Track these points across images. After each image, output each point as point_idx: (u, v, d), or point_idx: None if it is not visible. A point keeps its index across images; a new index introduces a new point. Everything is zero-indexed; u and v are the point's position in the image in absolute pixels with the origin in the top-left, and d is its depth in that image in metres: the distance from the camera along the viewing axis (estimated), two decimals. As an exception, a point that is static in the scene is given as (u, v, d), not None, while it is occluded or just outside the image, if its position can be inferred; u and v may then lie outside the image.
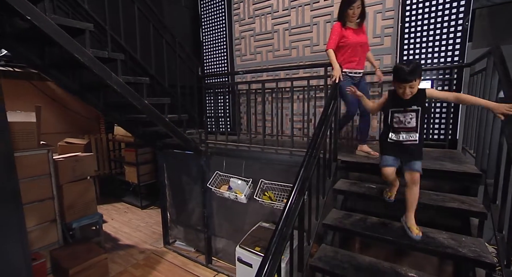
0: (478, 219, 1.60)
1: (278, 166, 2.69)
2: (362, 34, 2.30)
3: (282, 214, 1.33)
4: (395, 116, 1.62)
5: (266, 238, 2.45)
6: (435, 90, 1.70)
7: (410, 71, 1.48)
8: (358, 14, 2.21)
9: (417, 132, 1.59)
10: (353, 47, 2.26)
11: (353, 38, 2.25)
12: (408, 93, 1.53)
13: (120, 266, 3.52)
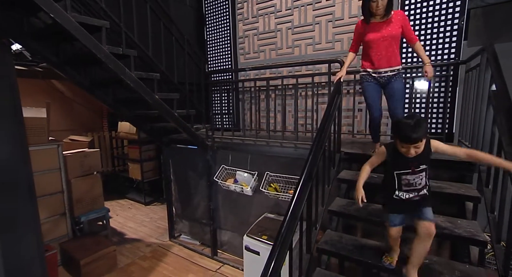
0: (473, 203, 1.73)
1: (283, 159, 2.80)
2: (389, 26, 2.02)
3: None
4: (403, 179, 1.42)
5: (272, 228, 2.57)
6: (443, 144, 1.42)
7: (415, 129, 1.27)
8: (384, 6, 1.93)
9: (426, 187, 1.43)
10: (374, 44, 2.05)
11: (372, 34, 2.05)
12: (413, 153, 1.33)
13: (128, 258, 3.62)
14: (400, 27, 2.03)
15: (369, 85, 2.16)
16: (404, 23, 2.04)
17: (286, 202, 2.83)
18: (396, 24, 2.02)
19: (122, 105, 3.12)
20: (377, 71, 2.11)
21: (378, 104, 2.18)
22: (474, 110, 1.95)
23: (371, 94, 2.16)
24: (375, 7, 1.94)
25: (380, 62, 2.07)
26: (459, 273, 1.46)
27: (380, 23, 2.04)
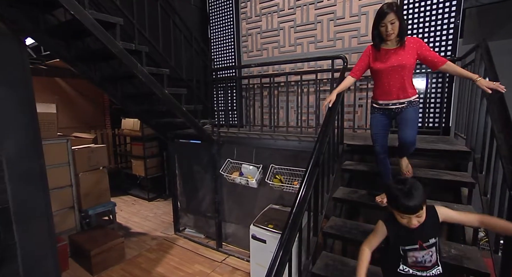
0: (468, 189, 1.85)
1: (287, 152, 2.91)
2: (400, 54, 1.78)
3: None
4: (409, 256, 1.23)
5: (278, 218, 2.68)
6: (453, 212, 1.25)
7: (410, 196, 1.14)
8: (397, 31, 1.71)
9: (438, 265, 1.24)
10: (383, 74, 1.83)
11: (381, 63, 1.81)
12: (415, 223, 1.17)
13: (135, 250, 3.71)
14: (414, 56, 1.77)
15: (376, 117, 1.95)
16: (421, 50, 1.77)
17: (290, 194, 2.95)
18: (410, 53, 1.77)
19: (130, 100, 3.22)
20: (385, 103, 1.88)
21: (383, 139, 1.93)
22: (469, 102, 2.07)
23: (376, 127, 1.94)
24: (385, 31, 1.72)
25: (390, 94, 1.84)
26: (455, 251, 1.58)
27: (392, 51, 1.81)
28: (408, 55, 1.77)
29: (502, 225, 1.15)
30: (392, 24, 1.70)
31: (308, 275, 1.67)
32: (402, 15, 1.73)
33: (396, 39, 1.77)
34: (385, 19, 1.69)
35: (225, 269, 3.29)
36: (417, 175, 1.95)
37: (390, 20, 1.69)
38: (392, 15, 1.68)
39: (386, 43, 1.82)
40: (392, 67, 1.79)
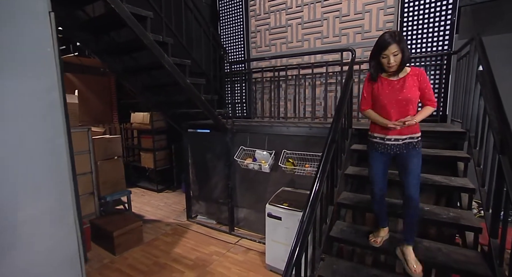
0: (464, 163, 2.11)
1: (298, 138, 3.15)
2: (404, 87, 1.65)
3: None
4: None
5: (291, 198, 2.92)
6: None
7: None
8: (398, 63, 1.60)
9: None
10: (385, 107, 1.70)
11: (383, 95, 1.69)
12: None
13: (152, 235, 3.91)
14: (418, 89, 1.66)
15: (374, 156, 1.81)
16: (422, 85, 1.67)
17: (301, 177, 3.18)
18: (413, 85, 1.65)
19: (149, 91, 3.43)
20: (386, 137, 1.73)
21: (381, 179, 1.82)
22: (465, 89, 2.33)
23: (375, 167, 1.81)
24: (387, 63, 1.60)
25: (391, 129, 1.70)
26: (453, 214, 1.83)
27: (393, 82, 1.68)
28: (414, 88, 1.65)
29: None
30: (395, 56, 1.56)
31: (327, 239, 1.91)
32: (405, 45, 1.58)
33: (398, 69, 1.64)
34: (387, 50, 1.55)
35: (239, 249, 3.51)
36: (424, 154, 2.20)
37: (393, 52, 1.55)
38: (395, 46, 1.53)
39: (387, 73, 1.69)
40: (398, 101, 1.65)
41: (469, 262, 1.60)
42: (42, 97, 0.96)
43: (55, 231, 1.02)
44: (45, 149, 0.96)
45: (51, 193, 1.00)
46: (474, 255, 1.67)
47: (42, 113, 0.95)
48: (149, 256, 3.40)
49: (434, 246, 1.77)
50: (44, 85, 0.95)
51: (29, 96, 0.91)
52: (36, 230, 0.96)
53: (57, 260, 1.04)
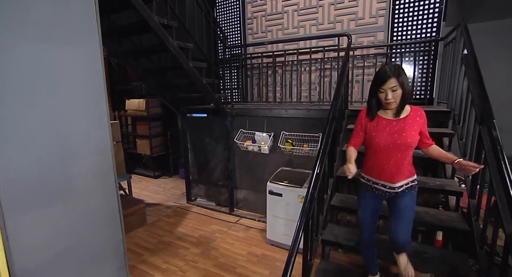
0: (448, 138, 2.34)
1: (296, 120, 3.32)
2: (404, 129, 1.49)
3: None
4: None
5: (290, 176, 3.11)
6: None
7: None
8: (398, 100, 1.44)
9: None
10: (381, 150, 1.54)
11: (379, 136, 1.52)
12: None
13: (154, 217, 4.05)
14: (419, 132, 1.51)
15: (363, 197, 1.67)
16: (423, 127, 1.54)
17: (299, 157, 3.37)
18: (415, 128, 1.50)
19: (148, 75, 3.48)
20: (377, 182, 1.58)
21: (371, 225, 1.68)
22: (450, 72, 2.54)
23: (364, 210, 1.68)
24: (384, 99, 1.45)
25: (383, 173, 1.55)
26: (439, 182, 2.06)
27: (393, 123, 1.51)
28: (414, 132, 1.49)
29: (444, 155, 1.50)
30: (394, 92, 1.42)
31: (328, 207, 2.11)
32: (406, 80, 1.42)
33: (398, 108, 1.48)
34: (385, 84, 1.42)
35: (239, 227, 3.70)
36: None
37: (391, 87, 1.41)
38: (393, 81, 1.40)
39: (386, 111, 1.54)
40: (395, 145, 1.49)
41: (451, 221, 1.84)
42: (89, 65, 1.06)
43: (101, 188, 1.15)
44: (91, 111, 1.08)
45: (96, 152, 1.12)
46: (455, 216, 1.91)
47: (88, 79, 1.06)
48: (154, 235, 3.54)
49: (422, 210, 2.00)
50: (91, 55, 1.06)
51: (80, 63, 1.01)
52: (87, 184, 1.09)
53: (102, 214, 1.17)
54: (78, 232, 1.08)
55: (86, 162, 1.08)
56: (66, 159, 1.01)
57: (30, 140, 0.93)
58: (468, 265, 1.66)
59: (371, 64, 3.64)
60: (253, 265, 2.89)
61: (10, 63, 0.84)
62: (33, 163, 0.94)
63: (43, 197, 0.96)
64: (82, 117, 1.06)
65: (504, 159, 1.36)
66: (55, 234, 1.01)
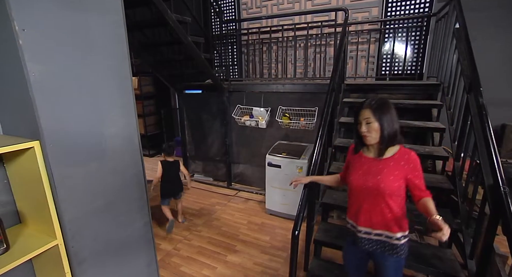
0: (437, 109, 2.52)
1: (293, 95, 3.41)
2: (381, 172, 1.27)
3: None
4: None
5: (288, 148, 3.25)
6: None
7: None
8: (376, 136, 1.25)
9: None
10: (355, 191, 1.36)
11: (355, 175, 1.35)
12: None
13: (153, 192, 4.14)
14: (403, 179, 1.26)
15: (348, 246, 1.47)
16: (412, 175, 1.26)
17: (295, 131, 3.50)
18: (394, 172, 1.26)
19: (145, 50, 3.44)
20: (357, 227, 1.37)
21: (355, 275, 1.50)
22: (441, 47, 2.67)
23: (347, 258, 1.50)
24: (361, 132, 1.28)
25: (360, 216, 1.35)
26: (428, 149, 2.25)
27: (372, 162, 1.32)
28: (393, 177, 1.25)
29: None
30: (368, 124, 1.24)
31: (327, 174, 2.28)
32: (387, 117, 1.23)
33: (379, 146, 1.28)
34: (360, 115, 1.28)
35: (239, 200, 3.88)
36: (402, 103, 2.57)
37: (365, 118, 1.25)
38: (368, 112, 1.24)
39: (369, 148, 1.35)
40: (366, 188, 1.29)
41: (438, 182, 2.05)
42: (114, 30, 1.11)
43: (128, 151, 1.23)
44: (114, 73, 1.13)
45: (122, 115, 1.19)
46: (441, 178, 2.12)
47: (113, 43, 1.11)
48: (156, 209, 3.67)
49: (412, 174, 2.20)
50: (115, 19, 1.10)
51: (106, 28, 1.06)
52: (117, 146, 1.17)
53: (131, 175, 1.27)
54: (112, 191, 1.18)
55: (115, 124, 1.15)
56: (100, 121, 1.08)
57: (72, 101, 0.99)
58: (451, 218, 1.88)
59: (365, 40, 3.72)
60: (254, 232, 3.09)
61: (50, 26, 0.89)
62: (74, 123, 1.01)
63: (83, 154, 1.04)
64: (110, 81, 1.12)
65: (488, 122, 1.52)
66: (94, 190, 1.11)
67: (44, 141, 0.91)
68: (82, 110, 1.02)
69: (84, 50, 1.02)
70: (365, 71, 3.74)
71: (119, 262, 1.26)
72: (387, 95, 2.95)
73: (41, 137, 0.90)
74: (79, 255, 1.05)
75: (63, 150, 0.96)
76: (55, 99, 0.94)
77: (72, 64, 0.98)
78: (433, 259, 1.74)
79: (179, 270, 2.51)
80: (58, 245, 0.97)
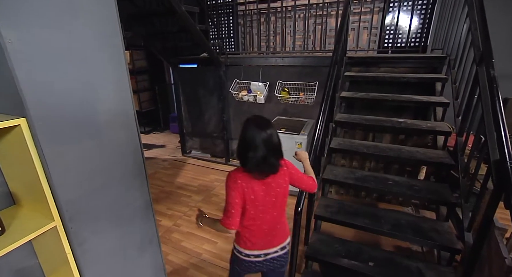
0: (441, 83, 2.45)
1: (293, 68, 3.28)
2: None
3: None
4: None
5: (288, 124, 3.19)
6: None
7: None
8: None
9: None
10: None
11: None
12: None
13: (151, 169, 4.13)
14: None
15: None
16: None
17: (294, 106, 3.42)
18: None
19: (135, 21, 3.22)
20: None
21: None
22: (450, 17, 2.53)
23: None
24: None
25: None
26: (430, 125, 2.22)
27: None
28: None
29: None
30: None
31: (328, 150, 2.25)
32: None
33: None
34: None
35: (236, 175, 3.89)
36: (406, 77, 2.49)
37: None
38: None
39: None
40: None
41: (439, 157, 2.04)
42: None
43: (124, 127, 1.16)
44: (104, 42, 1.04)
45: (115, 88, 1.11)
46: (442, 153, 2.11)
47: (102, 8, 1.00)
48: (154, 186, 3.67)
49: (414, 150, 2.18)
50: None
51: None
52: (112, 121, 1.10)
53: (127, 151, 1.21)
54: (109, 169, 1.13)
55: (108, 97, 1.07)
56: (91, 95, 1.00)
57: (58, 72, 0.90)
58: (449, 193, 1.90)
59: (368, 10, 3.53)
60: (253, 207, 3.13)
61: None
62: (63, 97, 0.93)
63: (75, 131, 0.97)
64: (100, 50, 1.02)
65: (498, 95, 1.47)
66: (90, 169, 1.05)
67: (31, 118, 0.83)
68: (70, 82, 0.93)
69: (69, 14, 0.90)
70: (366, 43, 3.58)
71: (121, 240, 1.25)
72: (389, 68, 2.85)
73: (27, 113, 0.83)
74: (79, 235, 1.03)
75: (53, 127, 0.89)
76: (39, 70, 0.84)
77: (55, 30, 0.88)
78: (431, 232, 1.77)
79: (180, 245, 2.55)
80: (56, 226, 0.93)
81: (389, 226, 1.83)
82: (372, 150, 2.19)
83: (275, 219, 1.27)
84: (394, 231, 1.79)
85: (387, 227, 1.82)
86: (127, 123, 1.18)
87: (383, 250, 1.93)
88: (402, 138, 2.69)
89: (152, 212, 1.44)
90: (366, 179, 2.08)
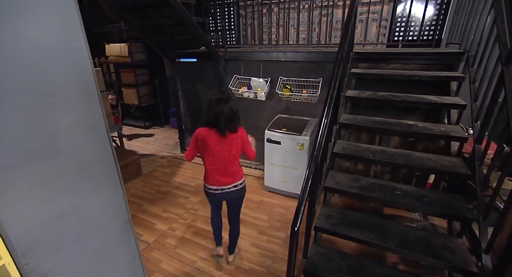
0: (458, 82, 2.22)
1: (295, 64, 3.08)
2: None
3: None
4: None
5: (289, 124, 3.01)
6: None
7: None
8: None
9: None
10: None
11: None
12: None
13: (149, 167, 4.02)
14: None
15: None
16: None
17: (296, 104, 3.23)
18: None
19: (130, 14, 3.04)
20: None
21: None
22: (469, 8, 2.28)
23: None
24: None
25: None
26: (443, 129, 2.01)
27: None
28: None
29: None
30: None
31: (331, 155, 2.07)
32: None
33: None
34: None
35: (236, 175, 3.74)
36: (417, 75, 2.27)
37: None
38: None
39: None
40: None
41: (454, 166, 1.84)
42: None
43: (93, 142, 1.01)
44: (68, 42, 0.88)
45: (83, 98, 0.96)
46: (457, 161, 1.91)
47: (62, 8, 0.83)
48: (151, 185, 3.56)
49: (425, 156, 1.99)
50: None
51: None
52: (76, 138, 0.95)
53: (99, 169, 1.06)
54: (77, 191, 0.97)
55: (70, 112, 0.91)
56: (47, 107, 0.84)
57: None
58: (464, 206, 1.72)
59: (378, 0, 3.27)
60: (252, 211, 2.99)
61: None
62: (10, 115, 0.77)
63: (28, 152, 0.81)
64: (62, 53, 0.86)
65: (529, 101, 1.27)
66: (52, 193, 0.90)
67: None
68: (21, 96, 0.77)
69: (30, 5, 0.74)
70: (375, 37, 3.34)
71: (93, 270, 1.11)
72: (399, 65, 2.63)
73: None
74: (37, 272, 0.88)
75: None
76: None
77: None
78: (443, 250, 1.60)
79: (174, 251, 2.44)
80: (5, 265, 0.79)
81: (396, 242, 1.67)
82: (378, 156, 2.00)
83: (227, 166, 1.93)
84: (402, 248, 1.63)
85: (394, 243, 1.66)
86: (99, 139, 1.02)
87: (389, 267, 1.78)
88: (412, 140, 2.50)
89: (132, 231, 1.29)
90: (372, 188, 1.91)
